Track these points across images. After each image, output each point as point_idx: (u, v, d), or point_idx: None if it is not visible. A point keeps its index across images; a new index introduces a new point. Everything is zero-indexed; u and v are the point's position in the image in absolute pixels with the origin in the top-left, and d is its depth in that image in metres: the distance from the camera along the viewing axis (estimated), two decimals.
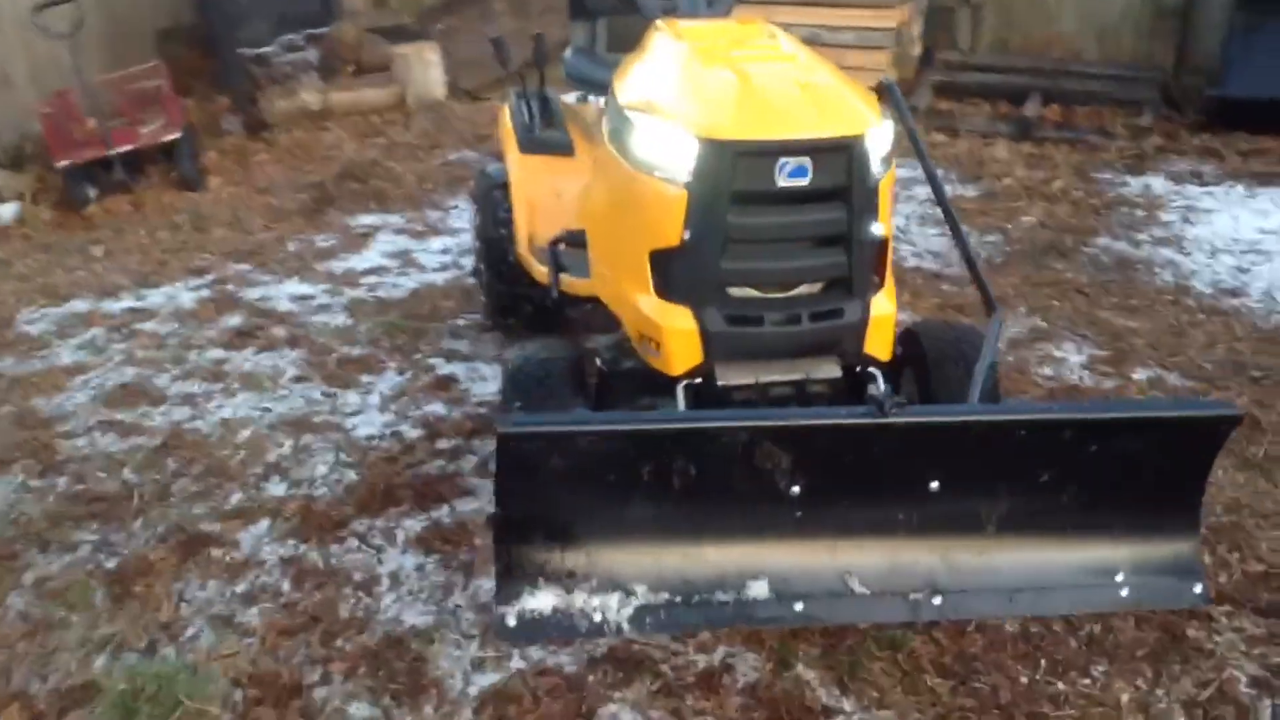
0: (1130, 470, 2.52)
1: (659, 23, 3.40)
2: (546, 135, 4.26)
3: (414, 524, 3.24)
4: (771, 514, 2.49)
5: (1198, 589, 2.60)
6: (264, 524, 3.27)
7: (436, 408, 3.91)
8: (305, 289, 5.15)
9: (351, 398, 4.01)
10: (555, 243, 3.67)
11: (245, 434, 3.77)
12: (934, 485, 2.50)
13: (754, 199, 2.82)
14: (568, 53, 4.38)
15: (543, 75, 4.48)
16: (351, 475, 3.49)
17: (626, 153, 2.97)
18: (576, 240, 3.68)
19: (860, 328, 2.95)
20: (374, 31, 8.75)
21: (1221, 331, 4.47)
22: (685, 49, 3.15)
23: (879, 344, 2.98)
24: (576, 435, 2.38)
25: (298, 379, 4.16)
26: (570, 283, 3.66)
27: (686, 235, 2.84)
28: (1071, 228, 5.61)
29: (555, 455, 2.38)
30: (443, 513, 3.30)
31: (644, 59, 3.23)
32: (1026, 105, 7.13)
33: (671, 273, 2.92)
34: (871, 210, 2.89)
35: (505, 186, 4.30)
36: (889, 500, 2.51)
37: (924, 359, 3.19)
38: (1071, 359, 4.27)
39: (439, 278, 5.29)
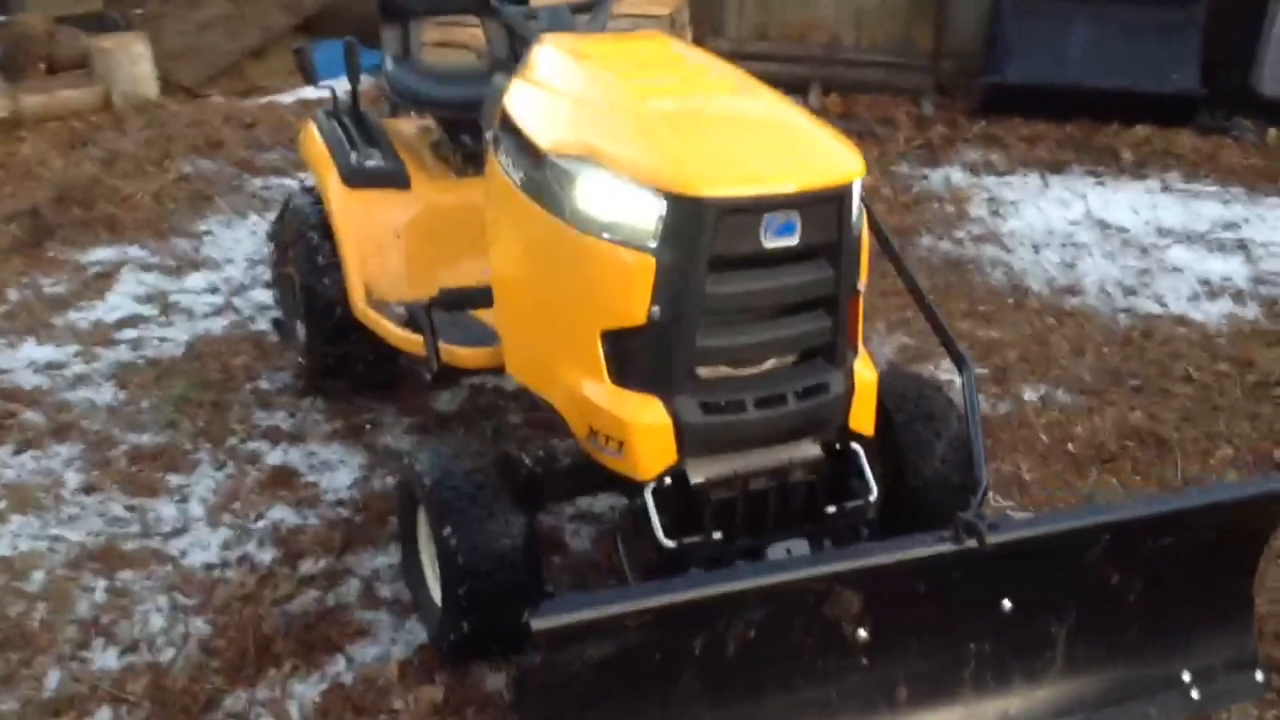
0: (1193, 561, 2.25)
1: (544, 37, 2.83)
2: (374, 165, 3.57)
3: (307, 689, 2.54)
4: (837, 666, 2.04)
5: (1259, 677, 2.38)
6: (104, 717, 2.47)
7: (283, 514, 3.17)
8: (49, 353, 4.18)
9: (165, 510, 3.20)
10: (431, 305, 3.03)
11: (38, 578, 2.90)
12: (1007, 605, 2.12)
13: (735, 263, 2.34)
14: (386, 63, 3.70)
15: (356, 90, 3.77)
16: (202, 626, 2.72)
17: (564, 210, 2.40)
18: (456, 301, 3.06)
19: (846, 401, 2.52)
20: (64, 21, 7.50)
21: (1081, 337, 4.39)
22: (602, 75, 2.60)
23: (863, 417, 2.57)
24: (630, 615, 1.84)
25: (85, 489, 3.28)
26: (455, 353, 3.04)
27: (654, 311, 2.32)
28: (893, 228, 5.43)
29: (601, 643, 1.82)
30: (339, 666, 2.61)
31: (548, 86, 2.66)
32: (809, 97, 6.96)
33: (633, 356, 2.39)
34: (856, 265, 2.47)
35: (323, 226, 3.59)
36: (960, 629, 2.11)
37: (890, 420, 2.82)
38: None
39: (215, 326, 4.45)
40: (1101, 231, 5.42)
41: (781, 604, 1.94)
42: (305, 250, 3.61)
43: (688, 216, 2.27)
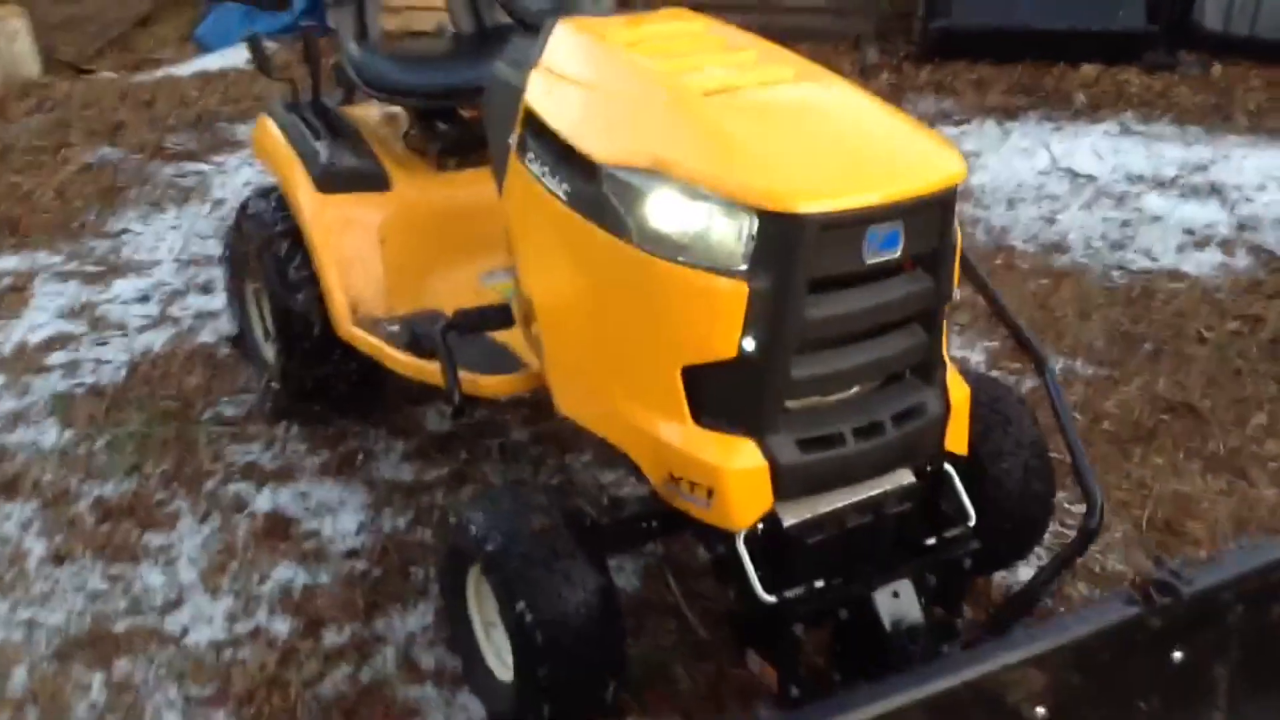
0: None
1: (562, 23, 2.49)
2: (349, 165, 3.19)
3: None
4: None
5: None
6: None
7: (290, 572, 2.81)
8: None
9: (152, 577, 2.81)
10: (447, 330, 2.69)
11: (20, 676, 2.51)
12: (1178, 656, 1.92)
13: (836, 283, 2.07)
14: (351, 48, 3.30)
15: (318, 79, 3.37)
16: None
17: (630, 231, 2.09)
18: (474, 323, 2.73)
19: (943, 422, 2.29)
20: None
21: (1082, 299, 4.22)
22: (649, 67, 2.28)
23: (958, 436, 2.34)
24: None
25: (54, 557, 2.87)
26: (478, 383, 2.71)
27: (746, 342, 2.04)
28: None
29: None
30: None
31: (585, 81, 2.33)
32: None
33: (720, 393, 2.11)
34: (951, 273, 2.22)
35: (292, 235, 3.21)
36: (1133, 688, 1.90)
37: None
38: (973, 359, 3.86)
39: (155, 341, 4.02)
40: (1072, 181, 5.27)
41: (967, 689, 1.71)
42: (273, 263, 3.22)
43: (784, 235, 1.98)
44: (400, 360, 2.91)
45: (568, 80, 2.37)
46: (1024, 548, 2.74)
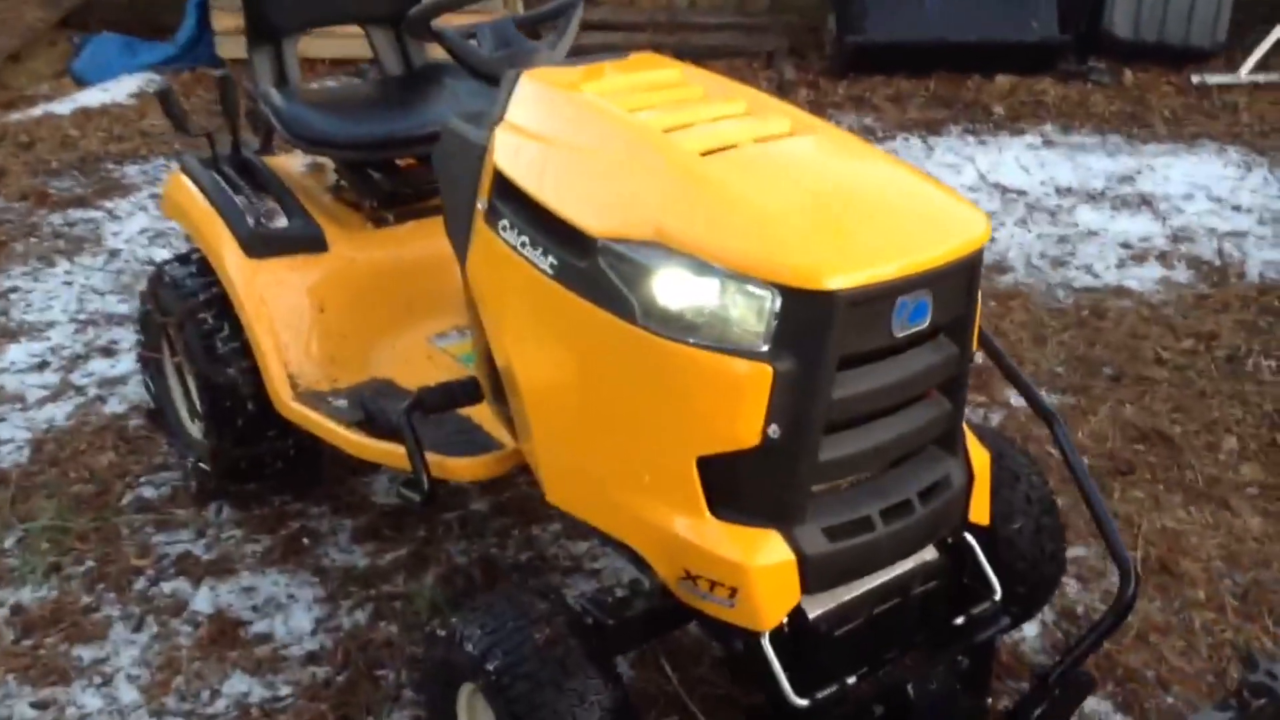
0: None
1: (526, 75, 2.28)
2: (280, 225, 2.92)
3: None
4: None
5: None
6: None
7: (244, 685, 2.52)
8: None
9: (88, 699, 2.49)
10: (411, 410, 2.44)
11: None
12: None
13: (863, 359, 1.90)
14: (273, 96, 3.03)
15: (237, 130, 3.09)
16: None
17: (633, 310, 1.89)
18: (440, 401, 2.49)
19: (968, 492, 2.13)
20: None
21: (1034, 323, 4.14)
22: (635, 125, 2.08)
23: (981, 505, 2.19)
24: None
25: None
26: (448, 466, 2.47)
27: (773, 430, 1.85)
28: None
29: None
30: None
31: (563, 141, 2.12)
32: None
33: (741, 483, 1.92)
34: (973, 337, 2.07)
35: (218, 304, 2.93)
36: None
37: None
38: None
39: (58, 414, 3.67)
40: (1002, 197, 5.22)
41: None
42: (198, 336, 2.94)
43: (812, 313, 1.80)
44: (353, 441, 2.65)
45: (543, 140, 2.15)
46: (1035, 608, 2.61)
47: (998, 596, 2.21)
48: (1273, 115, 5.99)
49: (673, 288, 1.87)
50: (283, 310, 2.86)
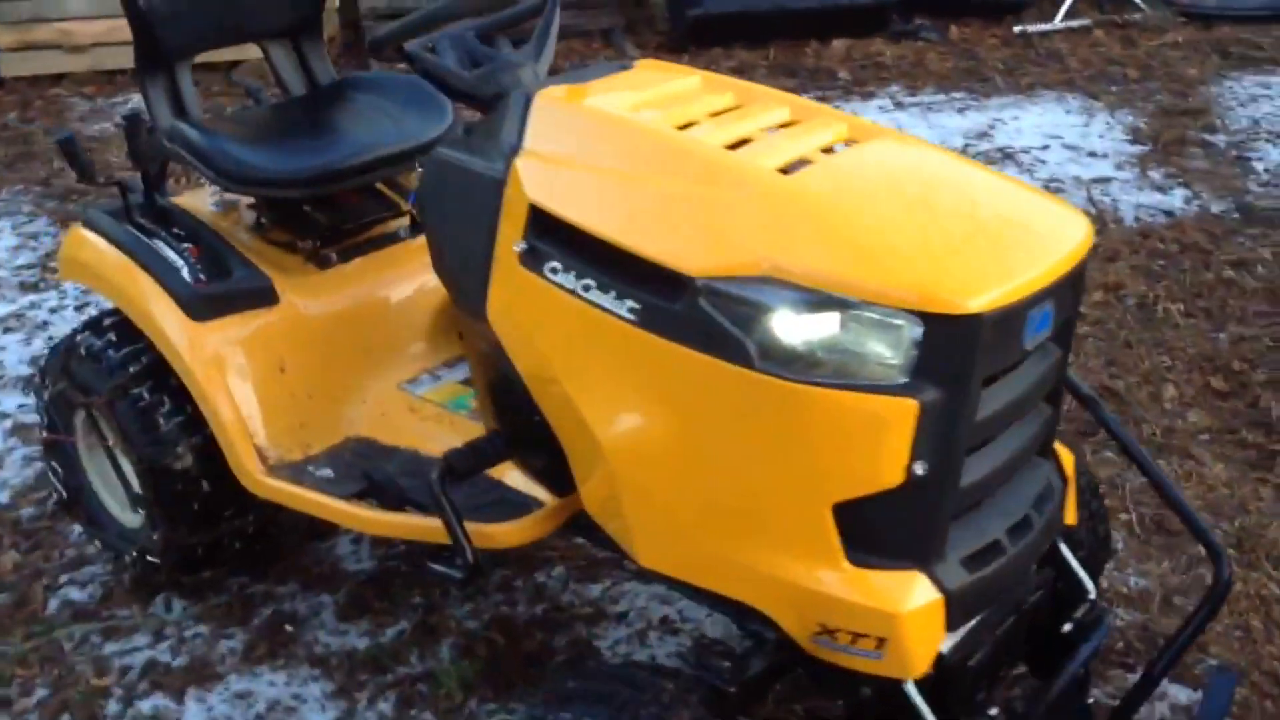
0: None
1: (541, 97, 2.06)
2: (223, 280, 2.58)
3: None
4: None
5: None
6: None
7: None
8: None
9: None
10: (444, 477, 2.17)
11: None
12: None
13: (997, 378, 1.79)
14: (186, 131, 2.66)
15: (149, 174, 2.71)
16: None
17: (748, 353, 1.71)
18: (472, 464, 2.24)
19: (1064, 496, 2.08)
20: None
21: None
22: (694, 147, 1.91)
23: (1071, 506, 2.14)
24: None
25: None
26: (491, 534, 2.22)
27: (918, 466, 1.73)
28: None
29: None
30: None
31: (619, 170, 1.92)
32: None
33: (882, 524, 1.78)
34: (1073, 337, 2.01)
35: (154, 375, 2.58)
36: None
37: None
38: None
39: None
40: None
41: None
42: (134, 415, 2.58)
43: (956, 338, 1.68)
44: (359, 516, 2.37)
45: (592, 170, 1.94)
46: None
47: (1092, 595, 2.17)
48: (1095, 59, 6.27)
49: (796, 325, 1.71)
50: (240, 376, 2.53)
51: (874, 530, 1.79)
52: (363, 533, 2.43)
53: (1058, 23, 6.59)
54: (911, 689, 1.85)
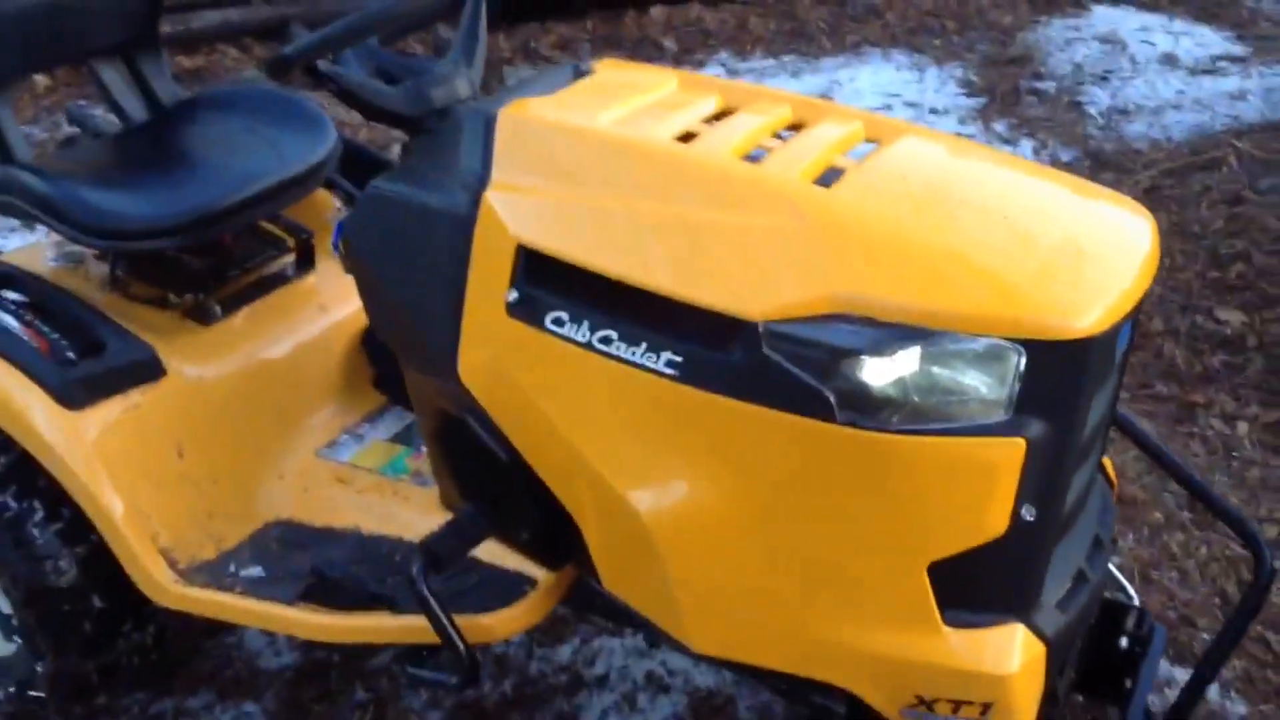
0: None
1: (506, 115, 1.75)
2: (98, 355, 2.13)
3: None
4: None
5: None
6: None
7: None
8: None
9: None
10: (424, 570, 1.82)
11: None
12: None
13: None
14: (24, 177, 2.19)
15: None
16: None
17: (826, 404, 1.47)
18: (457, 548, 1.90)
19: (1111, 507, 1.93)
20: None
21: None
22: (716, 165, 1.64)
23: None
24: None
25: None
26: (483, 626, 1.89)
27: (1026, 511, 1.52)
28: None
29: None
30: None
31: (616, 197, 1.62)
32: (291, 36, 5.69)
33: (982, 577, 1.58)
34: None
35: (18, 479, 2.13)
36: None
37: None
38: None
39: None
40: None
41: None
42: (1, 530, 2.11)
43: (1063, 365, 1.48)
44: (314, 624, 1.99)
45: (590, 200, 1.64)
46: None
47: (1136, 601, 2.04)
48: (911, 13, 6.25)
49: (882, 367, 1.47)
50: (130, 467, 2.10)
51: (972, 585, 1.58)
52: (320, 642, 2.06)
53: None
54: None
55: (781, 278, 1.51)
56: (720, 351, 1.52)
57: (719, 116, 1.81)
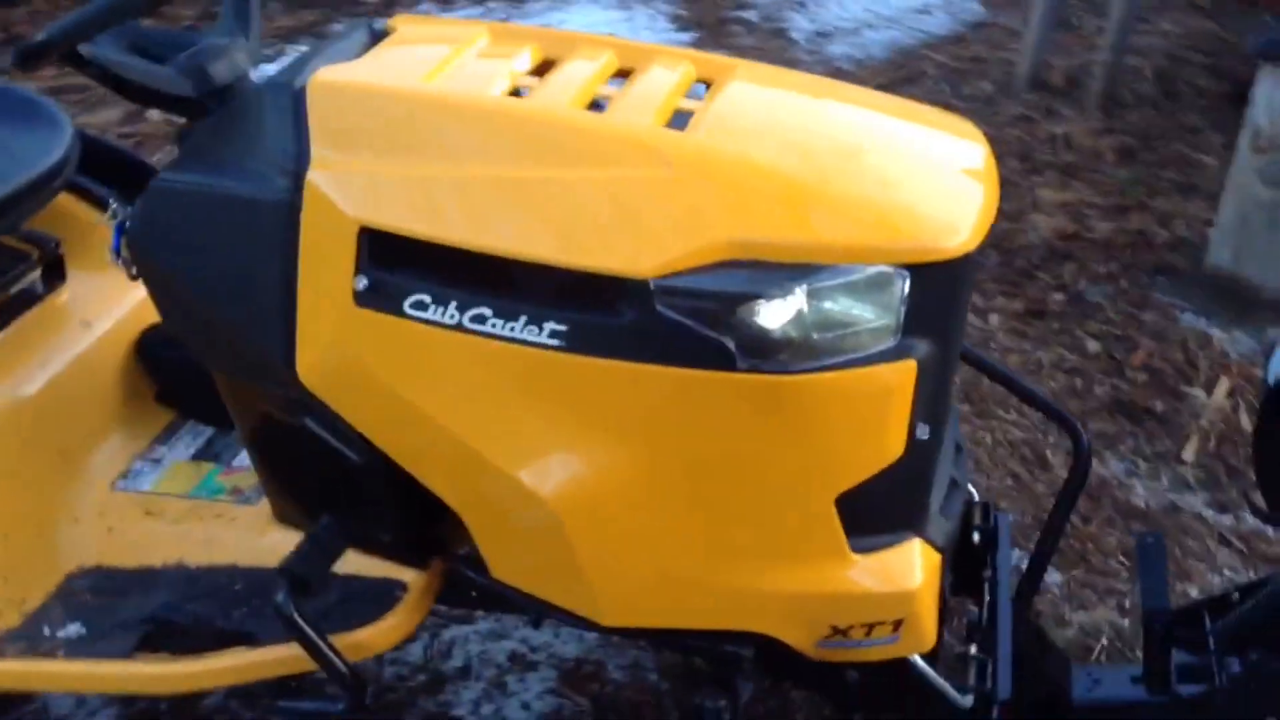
0: None
1: (317, 83, 1.59)
2: None
3: None
4: None
5: None
6: None
7: None
8: None
9: None
10: (294, 594, 1.64)
11: None
12: None
13: None
14: None
15: None
16: None
17: (724, 353, 1.43)
18: (321, 563, 1.74)
19: None
20: None
21: None
22: (565, 119, 1.56)
23: None
24: None
25: None
26: (363, 641, 1.74)
27: (921, 430, 1.56)
28: None
29: None
30: None
31: (460, 162, 1.51)
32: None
33: (881, 500, 1.60)
34: None
35: None
36: None
37: None
38: None
39: None
40: None
41: None
42: None
43: (944, 284, 1.51)
44: (163, 677, 1.77)
45: (437, 171, 1.52)
46: None
47: (977, 499, 2.13)
48: None
49: (779, 308, 1.44)
50: None
51: (873, 509, 1.60)
52: (167, 695, 1.84)
53: None
54: (922, 664, 1.72)
55: (664, 231, 1.45)
56: (609, 315, 1.45)
57: (542, 68, 1.71)
